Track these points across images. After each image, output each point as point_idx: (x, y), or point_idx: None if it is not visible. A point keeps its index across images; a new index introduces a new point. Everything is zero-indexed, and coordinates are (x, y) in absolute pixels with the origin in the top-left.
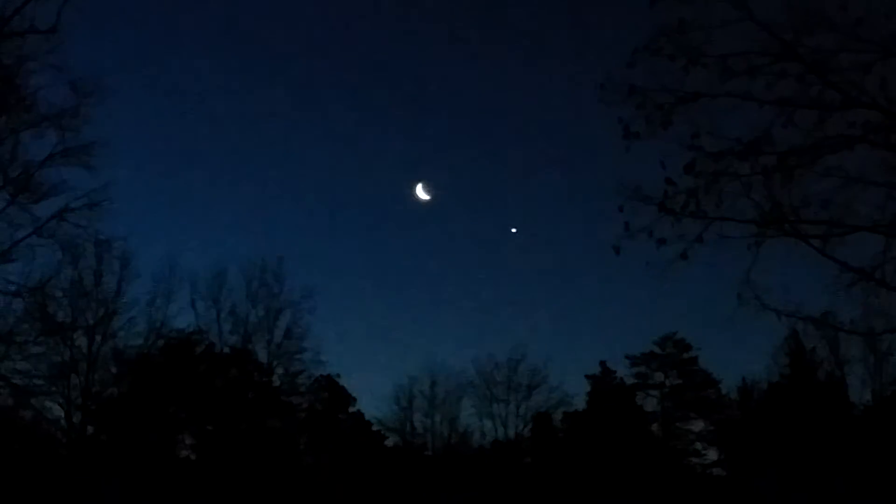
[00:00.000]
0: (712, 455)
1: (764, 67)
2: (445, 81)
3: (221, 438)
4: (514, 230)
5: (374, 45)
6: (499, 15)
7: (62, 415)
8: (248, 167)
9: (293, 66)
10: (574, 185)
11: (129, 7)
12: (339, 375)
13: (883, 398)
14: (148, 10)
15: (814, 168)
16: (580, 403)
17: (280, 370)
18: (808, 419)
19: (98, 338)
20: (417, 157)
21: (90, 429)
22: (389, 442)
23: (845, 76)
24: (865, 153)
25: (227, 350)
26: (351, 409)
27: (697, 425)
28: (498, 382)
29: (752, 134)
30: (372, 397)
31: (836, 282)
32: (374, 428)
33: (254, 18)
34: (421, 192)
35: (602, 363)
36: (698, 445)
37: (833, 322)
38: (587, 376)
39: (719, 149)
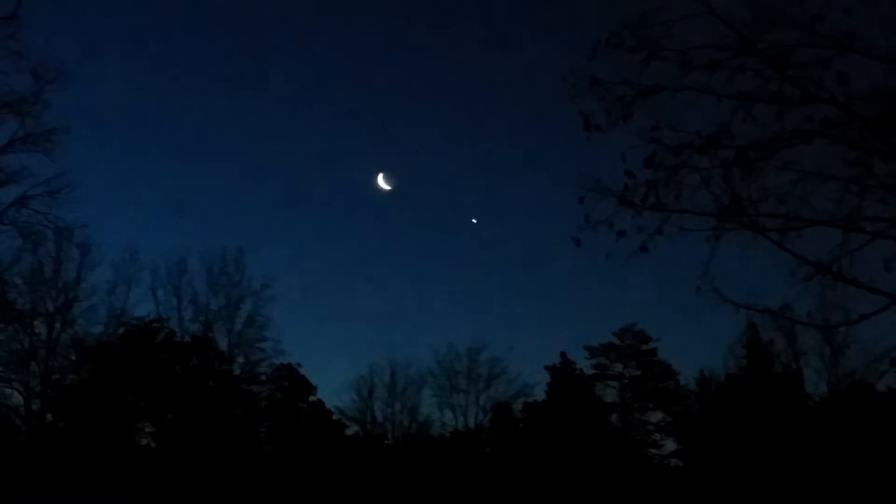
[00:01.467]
0: (671, 446)
1: (724, 62)
2: (407, 72)
3: (181, 427)
4: (474, 221)
5: (334, 36)
6: (461, 6)
7: (21, 402)
8: (209, 156)
9: (253, 56)
10: (535, 176)
11: None
12: (299, 364)
13: (838, 390)
14: None
15: (772, 162)
16: (540, 394)
17: (241, 359)
18: (765, 411)
19: (58, 325)
20: (378, 148)
21: (49, 416)
22: (350, 431)
23: (804, 71)
24: (823, 148)
25: (187, 338)
26: (311, 398)
27: (656, 416)
28: (458, 372)
29: (712, 128)
30: (332, 386)
31: (794, 275)
32: (335, 417)
33: (215, 8)
34: (382, 183)
35: (562, 354)
36: (657, 436)
37: (790, 315)
38: (547, 367)
39: (679, 142)
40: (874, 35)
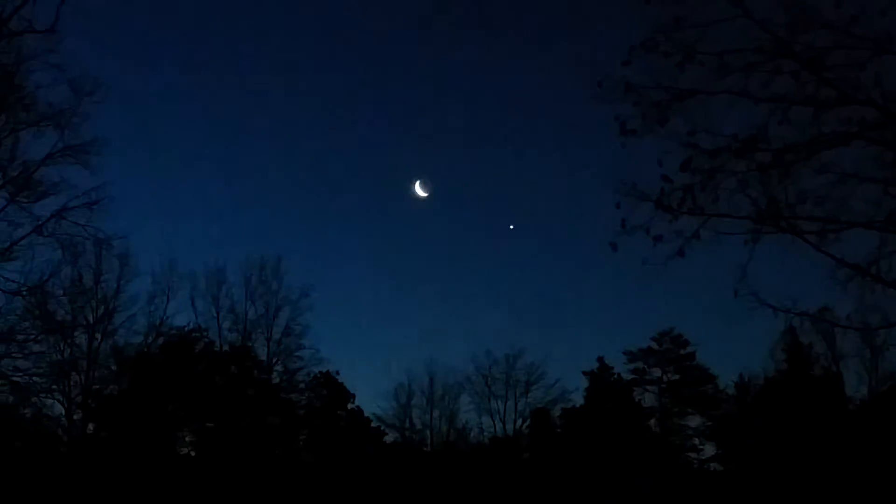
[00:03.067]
0: (710, 450)
1: (759, 65)
2: (443, 79)
3: (221, 435)
4: (511, 227)
5: (372, 44)
6: (496, 14)
7: (63, 412)
8: (247, 165)
9: (291, 64)
10: (572, 181)
11: (128, 6)
12: (337, 372)
13: (879, 393)
14: (147, 10)
15: (809, 164)
16: (578, 399)
17: (279, 367)
18: (805, 414)
19: (98, 336)
20: (415, 155)
21: (91, 426)
22: (388, 438)
23: (840, 73)
24: (861, 150)
25: (226, 347)
26: (350, 406)
27: (695, 420)
28: (496, 379)
29: (748, 131)
30: (371, 394)
31: (832, 277)
32: (373, 424)
33: (251, 18)
34: (419, 190)
35: (600, 359)
36: (696, 440)
37: (829, 317)
38: (585, 372)
39: (715, 146)
40: None
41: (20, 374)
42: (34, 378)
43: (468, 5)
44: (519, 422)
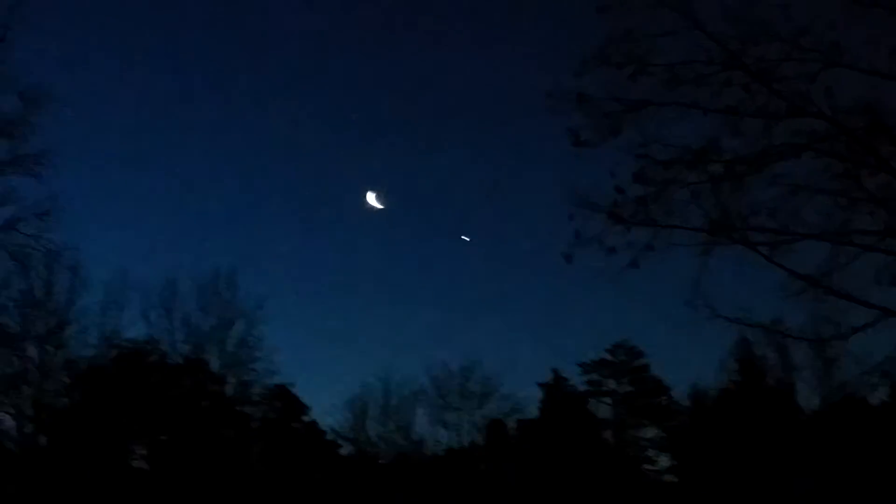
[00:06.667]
0: (665, 461)
1: (710, 76)
2: (395, 89)
3: (175, 449)
4: (465, 238)
5: (323, 53)
6: (447, 24)
7: (13, 426)
8: (199, 176)
9: (241, 75)
10: (526, 192)
11: (77, 15)
12: (292, 384)
13: (831, 403)
14: (97, 18)
15: (761, 176)
16: (533, 411)
17: (233, 380)
18: (758, 424)
19: (49, 348)
20: (368, 166)
21: (42, 439)
22: (343, 451)
23: (791, 85)
24: (812, 161)
25: (179, 360)
26: (304, 419)
27: (650, 432)
28: (451, 390)
29: (700, 142)
30: (326, 406)
31: (785, 289)
32: (328, 437)
33: (200, 27)
34: (372, 201)
35: (554, 371)
36: (651, 452)
37: (781, 328)
38: (540, 384)
39: (668, 157)
40: (860, 48)
41: None
42: None
43: (421, 15)
44: (474, 433)
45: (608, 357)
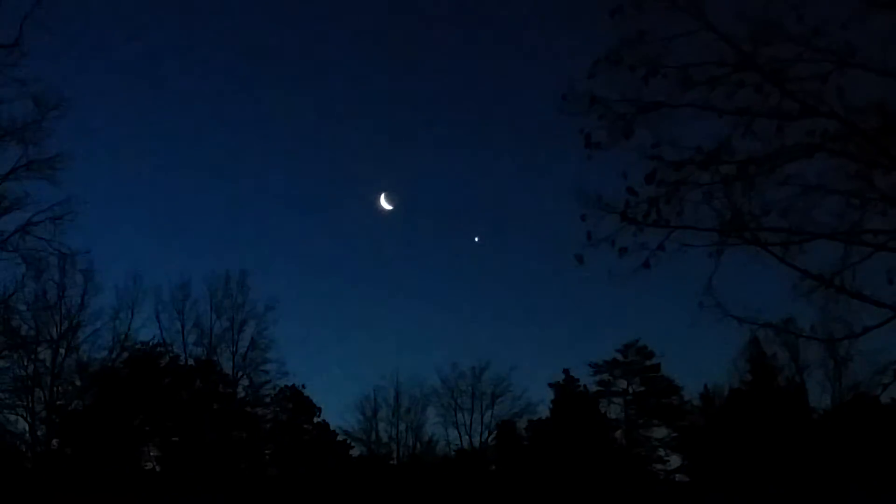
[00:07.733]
0: (675, 461)
1: (723, 77)
2: (408, 92)
3: (186, 450)
4: (477, 239)
5: (338, 55)
6: (461, 27)
7: (26, 428)
8: (211, 179)
9: (256, 78)
10: (538, 193)
11: (92, 21)
12: (303, 386)
13: (842, 403)
14: (110, 23)
15: (773, 176)
16: (544, 411)
17: (245, 381)
18: (769, 424)
19: (62, 351)
20: (381, 168)
21: (55, 442)
22: (355, 452)
23: (803, 85)
24: (824, 162)
25: (191, 362)
26: (316, 420)
27: (660, 432)
28: (462, 391)
29: (713, 143)
30: (337, 407)
31: (796, 289)
32: (340, 438)
33: (215, 30)
34: (384, 203)
35: (565, 371)
36: (661, 452)
37: (793, 328)
38: (551, 384)
39: (680, 158)
40: (872, 48)
41: None
42: None
43: (435, 19)
44: (485, 434)
45: (619, 357)
